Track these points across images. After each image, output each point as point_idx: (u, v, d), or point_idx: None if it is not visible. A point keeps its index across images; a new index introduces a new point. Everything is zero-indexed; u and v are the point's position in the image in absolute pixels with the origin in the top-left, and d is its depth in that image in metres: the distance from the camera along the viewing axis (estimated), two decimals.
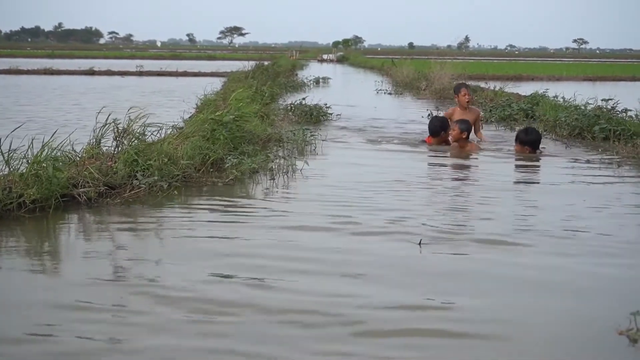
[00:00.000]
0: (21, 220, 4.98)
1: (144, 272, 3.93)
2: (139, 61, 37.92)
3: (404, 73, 24.13)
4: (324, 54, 69.13)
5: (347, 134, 10.16)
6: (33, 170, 5.26)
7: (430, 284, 3.81)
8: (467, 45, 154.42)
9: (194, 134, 7.20)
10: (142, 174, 5.88)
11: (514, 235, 4.72)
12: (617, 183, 6.80)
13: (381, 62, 38.27)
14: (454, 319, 3.33)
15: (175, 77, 28.61)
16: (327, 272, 3.96)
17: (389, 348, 3.02)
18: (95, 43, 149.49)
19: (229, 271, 3.95)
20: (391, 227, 4.89)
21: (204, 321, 3.28)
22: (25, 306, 3.44)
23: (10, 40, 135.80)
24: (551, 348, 3.05)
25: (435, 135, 8.80)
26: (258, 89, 13.56)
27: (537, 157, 8.27)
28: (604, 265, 4.19)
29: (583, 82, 27.96)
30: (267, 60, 28.58)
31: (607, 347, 3.06)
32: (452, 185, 6.74)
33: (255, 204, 5.68)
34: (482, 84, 19.00)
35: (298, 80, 23.10)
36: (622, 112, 10.51)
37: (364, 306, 3.45)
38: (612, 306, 3.49)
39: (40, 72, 29.14)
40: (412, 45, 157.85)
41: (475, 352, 3.01)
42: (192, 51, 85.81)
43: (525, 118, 11.95)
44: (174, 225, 4.96)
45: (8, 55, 50.74)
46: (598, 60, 75.67)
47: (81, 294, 3.59)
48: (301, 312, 3.39)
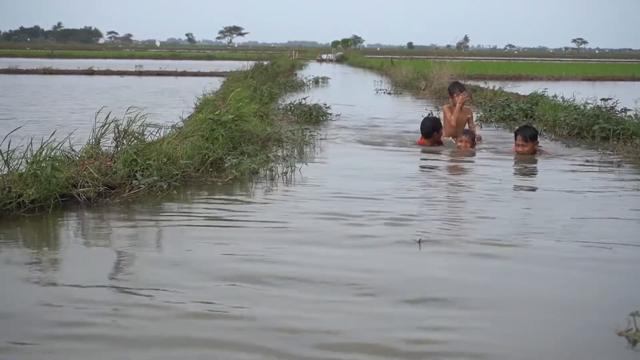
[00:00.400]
0: (20, 219, 4.98)
1: (143, 272, 3.93)
2: (138, 61, 37.90)
3: (403, 73, 24.13)
4: (323, 54, 69.16)
5: (345, 134, 10.12)
6: (32, 170, 5.26)
7: (426, 289, 3.81)
8: (467, 45, 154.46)
9: (193, 133, 7.20)
10: (142, 173, 5.88)
11: (514, 238, 4.71)
12: (617, 181, 6.80)
13: (380, 62, 38.28)
14: (449, 317, 3.33)
15: (174, 77, 28.59)
16: (328, 272, 3.97)
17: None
18: (94, 43, 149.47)
19: (228, 271, 3.95)
20: (389, 230, 4.89)
21: (203, 321, 3.28)
22: (24, 306, 3.43)
23: (10, 40, 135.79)
24: (551, 348, 3.05)
25: (428, 136, 8.76)
26: (257, 89, 13.56)
27: (535, 157, 8.19)
28: (604, 265, 4.19)
29: (582, 82, 27.95)
30: (267, 60, 28.59)
31: (607, 348, 3.06)
32: (449, 186, 6.74)
33: (255, 204, 5.68)
34: (481, 83, 19.01)
35: (297, 80, 23.09)
36: (622, 111, 10.51)
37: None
38: (611, 307, 3.49)
39: (39, 71, 29.11)
40: (411, 45, 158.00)
41: (474, 348, 3.01)
42: (191, 51, 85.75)
43: (524, 118, 11.95)
44: (173, 226, 4.95)
45: (7, 55, 50.68)
46: (597, 60, 75.67)
47: (80, 293, 3.58)
48: (298, 318, 3.38)
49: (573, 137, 10.00)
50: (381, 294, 3.64)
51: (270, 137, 8.77)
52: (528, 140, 8.22)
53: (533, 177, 7.42)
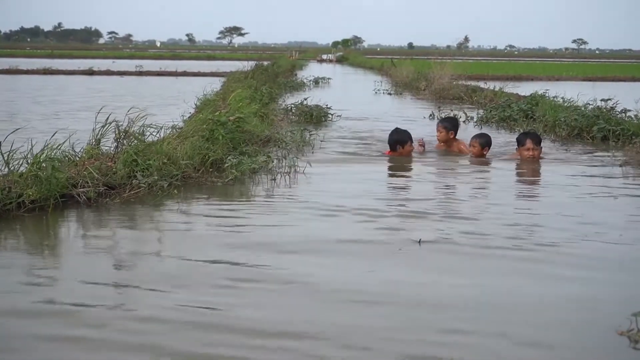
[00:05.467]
0: (21, 219, 4.98)
1: (143, 272, 3.93)
2: (138, 61, 37.91)
3: (403, 73, 24.14)
4: (324, 54, 69.13)
5: (341, 137, 9.96)
6: (33, 171, 5.26)
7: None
8: (467, 45, 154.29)
9: (194, 134, 7.19)
10: (142, 174, 5.88)
11: (514, 241, 4.71)
12: (617, 179, 6.80)
13: (381, 62, 38.28)
14: (461, 319, 3.33)
15: (174, 77, 28.59)
16: (326, 271, 3.96)
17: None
18: (94, 43, 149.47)
19: (228, 271, 3.95)
20: (386, 233, 4.89)
21: (202, 320, 3.27)
22: (24, 306, 3.43)
23: (10, 40, 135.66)
24: (552, 348, 3.04)
25: (393, 150, 8.14)
26: (257, 89, 13.56)
27: (537, 162, 7.89)
28: (603, 265, 4.19)
29: (582, 82, 27.94)
30: (267, 60, 28.60)
31: (608, 348, 3.06)
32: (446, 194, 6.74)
33: (255, 204, 5.68)
34: (481, 84, 19.01)
35: (297, 80, 23.10)
36: (622, 112, 10.51)
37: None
38: (613, 307, 3.49)
39: (39, 72, 29.10)
40: (411, 46, 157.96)
41: (473, 348, 3.01)
42: (191, 51, 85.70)
43: (524, 119, 11.94)
44: (173, 225, 4.95)
45: (7, 55, 50.69)
46: (597, 60, 75.64)
47: (80, 293, 3.58)
48: (297, 321, 3.38)
49: (573, 137, 9.99)
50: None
51: (270, 137, 8.76)
52: (538, 144, 8.00)
53: (534, 181, 7.34)
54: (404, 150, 8.09)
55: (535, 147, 7.97)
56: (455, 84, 18.70)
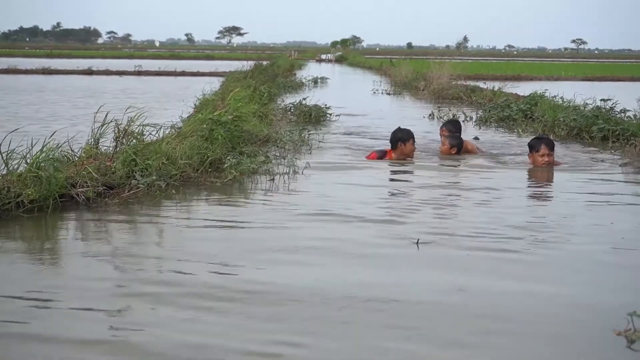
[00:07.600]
0: (19, 219, 4.97)
1: (142, 272, 3.93)
2: (137, 61, 37.88)
3: (402, 73, 24.16)
4: (323, 54, 69.17)
5: (339, 136, 9.97)
6: (32, 171, 5.25)
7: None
8: (466, 45, 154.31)
9: (192, 133, 7.19)
10: (141, 173, 5.87)
11: (513, 242, 4.71)
12: (616, 180, 6.80)
13: (380, 62, 38.30)
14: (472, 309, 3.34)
15: (173, 76, 28.59)
16: (325, 270, 3.96)
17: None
18: (93, 43, 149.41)
19: (227, 271, 3.95)
20: (386, 233, 4.89)
21: (202, 320, 3.27)
22: (24, 305, 3.43)
23: (9, 40, 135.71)
24: (550, 348, 3.05)
25: (393, 147, 7.98)
26: (256, 89, 13.56)
27: (551, 168, 7.53)
28: (603, 266, 4.20)
29: (582, 82, 27.97)
30: (266, 60, 28.61)
31: (605, 348, 3.06)
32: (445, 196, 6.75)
33: (254, 204, 5.68)
34: (480, 84, 19.03)
35: (296, 80, 23.12)
36: (621, 112, 10.52)
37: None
38: (610, 307, 3.49)
39: (38, 71, 29.09)
40: (410, 45, 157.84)
41: (473, 348, 3.02)
42: (190, 51, 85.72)
43: (524, 119, 11.95)
44: (172, 225, 4.95)
45: (6, 55, 50.67)
46: (597, 60, 75.61)
47: (79, 293, 3.58)
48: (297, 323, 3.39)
49: (572, 137, 9.99)
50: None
51: (269, 137, 8.76)
52: (553, 149, 7.66)
53: (535, 184, 7.31)
54: (406, 148, 7.97)
55: (550, 153, 7.62)
56: (454, 84, 18.71)
